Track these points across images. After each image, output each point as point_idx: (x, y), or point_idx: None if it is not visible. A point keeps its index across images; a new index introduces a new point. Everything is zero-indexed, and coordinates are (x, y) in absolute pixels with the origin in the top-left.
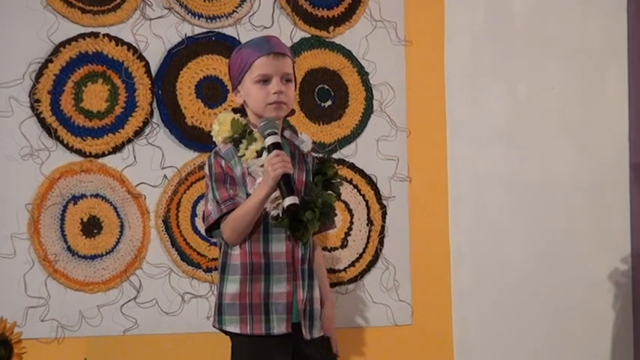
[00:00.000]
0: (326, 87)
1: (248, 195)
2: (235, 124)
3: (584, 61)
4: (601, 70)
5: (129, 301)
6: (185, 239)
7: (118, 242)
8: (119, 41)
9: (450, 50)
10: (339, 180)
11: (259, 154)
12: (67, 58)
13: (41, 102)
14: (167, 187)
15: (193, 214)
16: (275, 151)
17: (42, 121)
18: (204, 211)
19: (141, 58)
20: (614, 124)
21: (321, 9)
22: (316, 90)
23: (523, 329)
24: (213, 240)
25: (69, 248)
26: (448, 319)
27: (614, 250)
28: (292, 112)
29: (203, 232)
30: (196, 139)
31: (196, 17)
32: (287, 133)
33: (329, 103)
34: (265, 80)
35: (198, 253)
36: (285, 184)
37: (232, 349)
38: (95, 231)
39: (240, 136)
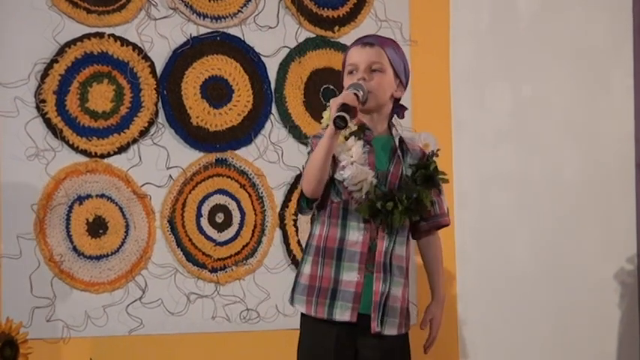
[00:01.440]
0: (331, 87)
1: (333, 178)
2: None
3: (589, 60)
4: (606, 69)
5: (134, 301)
6: (190, 239)
7: (123, 242)
8: (124, 41)
9: (455, 50)
10: (441, 176)
11: (346, 138)
12: (72, 58)
13: (47, 102)
14: (172, 188)
15: (199, 214)
16: (350, 93)
17: (47, 122)
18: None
19: (146, 58)
20: (620, 124)
21: (326, 9)
22: (321, 90)
23: (528, 329)
24: (220, 239)
25: (74, 248)
26: (453, 318)
27: (619, 250)
28: (402, 111)
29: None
30: (201, 139)
31: (201, 17)
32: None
33: None
34: (354, 70)
35: (204, 254)
36: (342, 110)
37: (300, 327)
38: (101, 231)
39: None
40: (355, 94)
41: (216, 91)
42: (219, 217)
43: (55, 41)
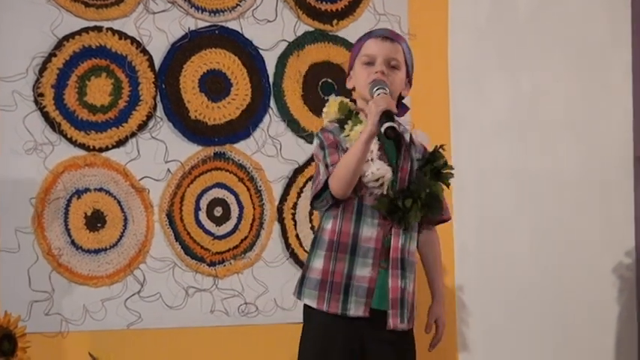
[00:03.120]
0: (330, 80)
1: None
2: (342, 105)
3: (589, 54)
4: (605, 63)
5: (133, 295)
6: (189, 233)
7: (121, 236)
8: (122, 35)
9: (454, 44)
10: (448, 170)
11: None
12: (70, 52)
13: (45, 96)
14: (171, 181)
15: (197, 208)
16: (378, 92)
17: (46, 115)
18: (312, 186)
19: (144, 51)
20: (619, 118)
21: (324, 2)
22: (320, 83)
23: (526, 324)
24: (219, 233)
25: (73, 242)
26: (452, 316)
27: (618, 244)
28: (405, 110)
29: (310, 205)
30: (200, 132)
31: (199, 11)
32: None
33: (333, 96)
34: (370, 62)
35: (202, 247)
36: (387, 117)
37: (304, 321)
38: (99, 225)
39: (346, 117)
40: (386, 94)
41: (215, 85)
42: (218, 211)
43: (53, 35)
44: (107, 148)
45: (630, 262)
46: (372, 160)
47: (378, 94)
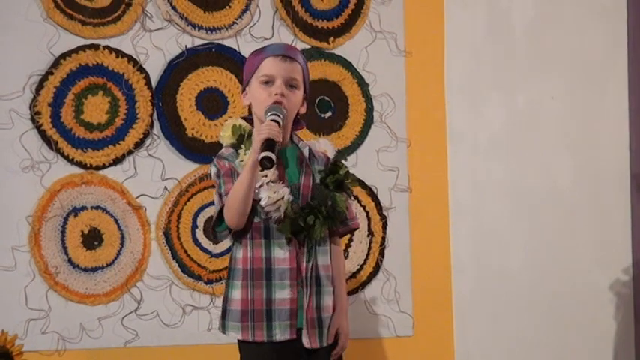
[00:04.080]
0: (326, 98)
1: None
2: (235, 130)
3: (584, 71)
4: (601, 80)
5: (130, 313)
6: (186, 251)
7: (118, 254)
8: (119, 53)
9: (450, 61)
10: (350, 180)
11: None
12: (67, 70)
13: (42, 114)
14: (168, 199)
15: (194, 226)
16: (266, 122)
17: (42, 134)
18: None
19: (141, 69)
20: (614, 134)
21: (321, 20)
22: (316, 101)
23: (524, 339)
24: (216, 251)
25: (70, 260)
26: (449, 329)
27: (615, 260)
28: (301, 126)
29: (210, 238)
30: (197, 150)
31: (196, 29)
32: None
33: (329, 114)
34: (269, 81)
35: (199, 265)
36: (267, 147)
37: (240, 355)
38: (96, 243)
39: (239, 141)
40: (277, 122)
41: (212, 103)
42: (213, 238)
43: (50, 53)
44: (104, 166)
45: (627, 279)
46: (267, 184)
47: (266, 121)
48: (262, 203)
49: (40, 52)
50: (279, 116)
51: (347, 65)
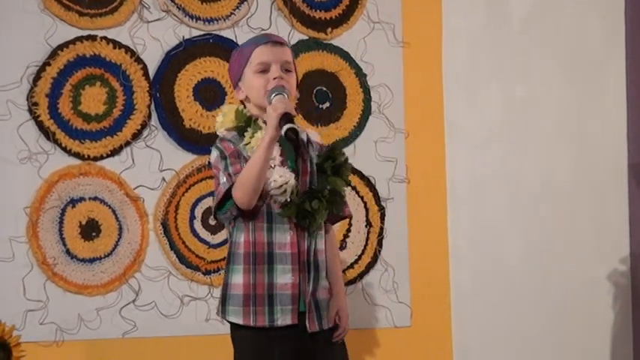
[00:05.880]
0: (324, 89)
1: None
2: (240, 114)
3: (582, 62)
4: (599, 71)
5: (128, 304)
6: (184, 242)
7: (116, 245)
8: (117, 44)
9: (448, 52)
10: (347, 166)
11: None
12: (64, 61)
13: (39, 105)
14: (165, 190)
15: (192, 217)
16: (277, 97)
17: (40, 125)
18: (214, 196)
19: (139, 60)
20: (612, 125)
21: (318, 11)
22: (314, 92)
23: (522, 330)
24: (214, 242)
25: (67, 251)
26: (447, 320)
27: (613, 251)
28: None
29: (212, 219)
30: (194, 141)
31: (194, 20)
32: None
33: (327, 104)
34: (264, 70)
35: (197, 256)
36: (286, 120)
37: (234, 341)
38: (94, 234)
39: (245, 124)
40: (284, 97)
41: (209, 94)
42: (213, 220)
43: (47, 44)
44: (102, 157)
45: (625, 269)
46: (273, 167)
47: (276, 98)
48: (269, 187)
49: (37, 43)
50: (283, 94)
51: (345, 56)
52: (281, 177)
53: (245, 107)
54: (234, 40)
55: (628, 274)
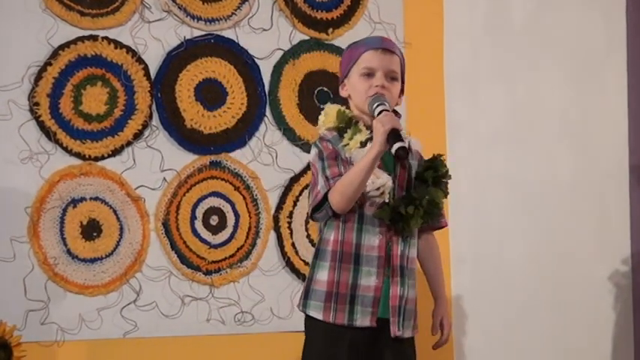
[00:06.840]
0: (325, 89)
1: None
2: (341, 114)
3: (584, 62)
4: (600, 71)
5: (129, 304)
6: (185, 242)
7: (117, 245)
8: (118, 44)
9: (449, 52)
10: (448, 177)
11: (363, 144)
12: (65, 61)
13: (40, 105)
14: (166, 190)
15: (193, 217)
16: (383, 112)
17: (41, 125)
18: (310, 197)
19: (140, 60)
20: (614, 125)
21: (320, 11)
22: (316, 92)
23: (523, 330)
24: (215, 242)
25: (68, 251)
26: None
27: (614, 251)
28: (398, 117)
29: (309, 216)
30: (195, 141)
31: (195, 20)
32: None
33: (329, 104)
34: (370, 74)
35: (198, 256)
36: (394, 137)
37: (307, 332)
38: (95, 234)
39: (346, 126)
40: (388, 110)
41: (210, 94)
42: (214, 220)
43: (48, 44)
44: (103, 157)
45: (626, 269)
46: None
47: (380, 112)
48: (367, 189)
49: (38, 43)
50: (386, 105)
51: None
52: (379, 179)
53: (347, 106)
54: (236, 41)
55: (629, 274)
